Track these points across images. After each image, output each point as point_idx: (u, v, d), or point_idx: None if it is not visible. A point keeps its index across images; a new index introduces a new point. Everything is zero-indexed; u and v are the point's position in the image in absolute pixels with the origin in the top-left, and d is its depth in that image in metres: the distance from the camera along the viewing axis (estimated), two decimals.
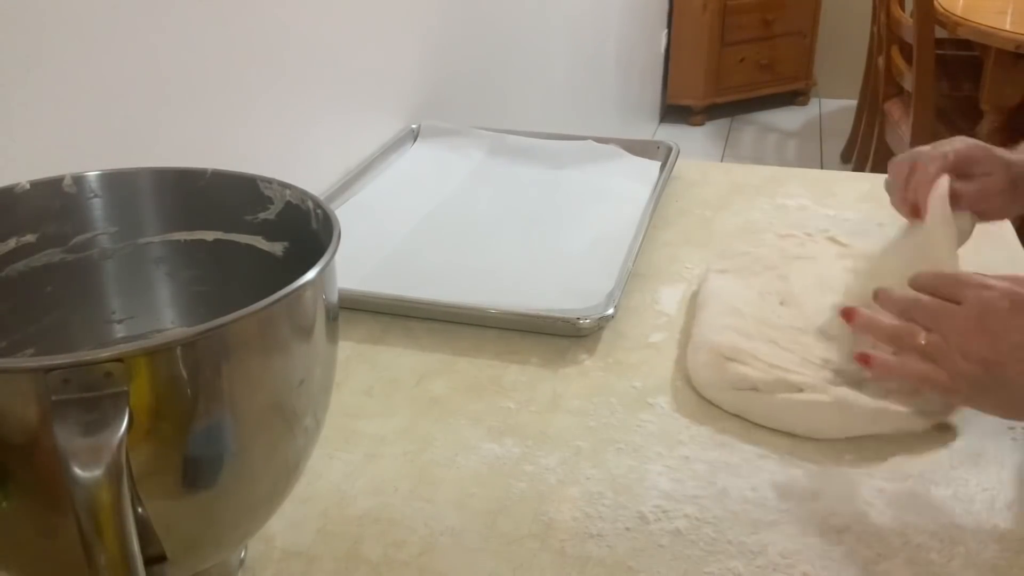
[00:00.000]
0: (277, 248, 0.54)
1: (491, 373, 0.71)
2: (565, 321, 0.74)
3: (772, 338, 0.69)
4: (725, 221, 0.95)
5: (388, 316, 0.78)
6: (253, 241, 0.54)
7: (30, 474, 0.38)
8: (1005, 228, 0.93)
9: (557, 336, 0.75)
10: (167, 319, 0.57)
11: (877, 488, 0.59)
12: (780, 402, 0.64)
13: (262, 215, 0.53)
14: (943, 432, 0.63)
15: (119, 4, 0.68)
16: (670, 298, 0.81)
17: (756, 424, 0.64)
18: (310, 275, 0.42)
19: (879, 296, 0.63)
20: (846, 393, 0.63)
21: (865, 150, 3.00)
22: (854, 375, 0.65)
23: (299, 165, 0.96)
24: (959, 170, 0.71)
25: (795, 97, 3.92)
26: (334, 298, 0.47)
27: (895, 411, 0.62)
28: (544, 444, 0.63)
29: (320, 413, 0.48)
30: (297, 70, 0.93)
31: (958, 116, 2.35)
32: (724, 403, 0.66)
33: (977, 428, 0.63)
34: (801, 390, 0.63)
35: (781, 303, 0.73)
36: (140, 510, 0.39)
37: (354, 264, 0.81)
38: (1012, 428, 0.63)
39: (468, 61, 1.43)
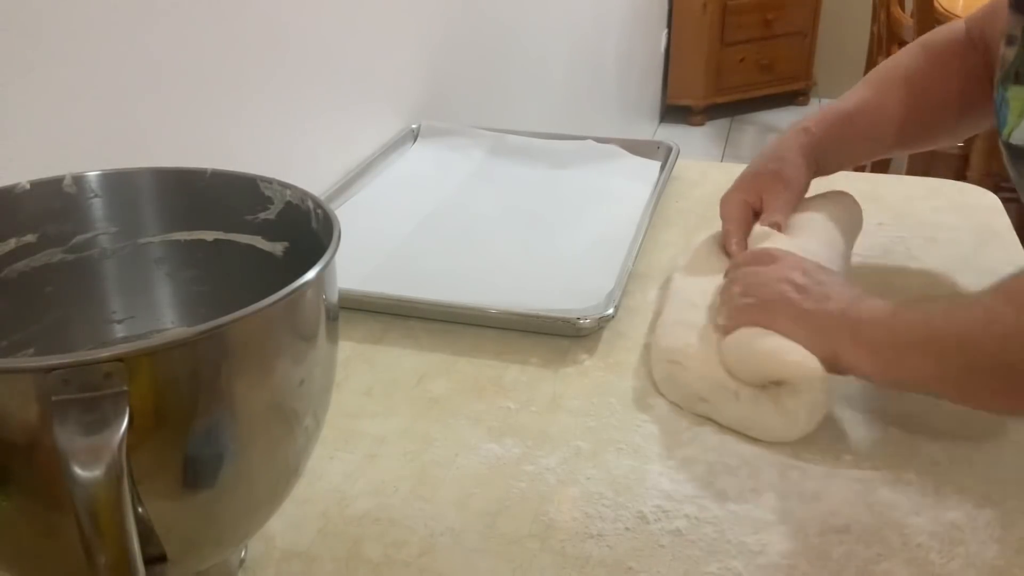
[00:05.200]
0: (277, 248, 0.54)
1: (491, 373, 0.71)
2: (565, 321, 0.74)
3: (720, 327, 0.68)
4: None
5: (388, 316, 0.78)
6: (253, 241, 0.54)
7: (30, 474, 0.38)
8: (1005, 228, 0.93)
9: (557, 336, 0.75)
10: (167, 319, 0.57)
11: (877, 488, 0.59)
12: (726, 411, 0.64)
13: (262, 215, 0.53)
14: (941, 433, 0.63)
15: (119, 4, 0.68)
16: None
17: None
18: (310, 275, 0.42)
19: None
20: (776, 392, 0.62)
21: None
22: None
23: (299, 165, 0.96)
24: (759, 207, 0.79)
25: (795, 97, 3.92)
26: (334, 298, 0.47)
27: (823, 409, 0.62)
28: (544, 444, 0.63)
29: (320, 413, 0.48)
30: (297, 70, 0.93)
31: None
32: (692, 410, 0.66)
33: (974, 429, 0.64)
34: (737, 395, 0.63)
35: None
36: (140, 510, 0.39)
37: (354, 264, 0.81)
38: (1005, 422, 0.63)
39: (468, 61, 1.43)
